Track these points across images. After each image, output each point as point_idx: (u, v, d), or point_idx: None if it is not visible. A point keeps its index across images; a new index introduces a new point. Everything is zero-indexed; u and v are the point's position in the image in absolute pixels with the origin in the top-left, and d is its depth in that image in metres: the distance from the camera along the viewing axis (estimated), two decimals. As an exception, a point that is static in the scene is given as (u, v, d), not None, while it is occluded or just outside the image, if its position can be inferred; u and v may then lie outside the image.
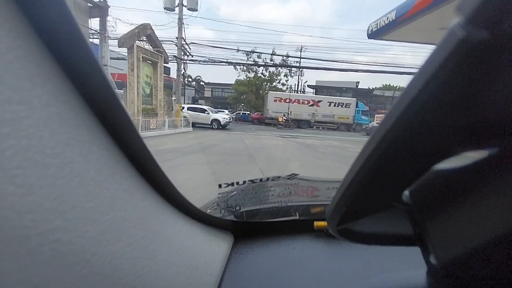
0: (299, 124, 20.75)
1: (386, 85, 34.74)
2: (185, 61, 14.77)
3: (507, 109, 0.19)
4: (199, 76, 35.04)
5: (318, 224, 0.56)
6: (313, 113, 21.08)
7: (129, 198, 0.26)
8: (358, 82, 31.40)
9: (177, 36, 13.64)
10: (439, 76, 0.15)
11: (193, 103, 23.69)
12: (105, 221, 0.22)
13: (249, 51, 23.86)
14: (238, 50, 23.54)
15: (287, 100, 21.28)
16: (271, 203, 0.68)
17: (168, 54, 12.72)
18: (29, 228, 0.16)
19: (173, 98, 13.55)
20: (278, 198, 0.71)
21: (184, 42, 13.91)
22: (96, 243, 0.21)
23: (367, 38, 5.10)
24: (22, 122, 0.16)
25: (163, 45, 11.90)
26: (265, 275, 0.47)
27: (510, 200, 0.22)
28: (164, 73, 12.42)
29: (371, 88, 31.92)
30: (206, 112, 14.32)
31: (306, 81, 32.52)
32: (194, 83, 34.69)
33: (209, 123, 13.92)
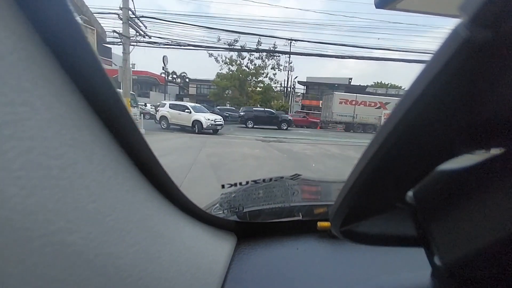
0: (365, 128, 18.45)
1: (377, 82, 33.31)
2: (135, 42, 10.09)
3: (511, 109, 0.19)
4: (184, 72, 33.34)
5: (321, 224, 0.56)
6: (380, 117, 18.40)
7: (131, 199, 0.26)
8: (351, 79, 29.52)
9: (121, 6, 9.09)
10: (442, 76, 0.15)
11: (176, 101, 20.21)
12: (107, 222, 0.22)
13: (235, 32, 19.45)
14: (219, 39, 20.02)
15: (353, 102, 18.99)
16: (274, 204, 0.66)
17: (114, 33, 9.53)
18: (32, 229, 0.16)
19: (120, 90, 10.20)
20: (281, 199, 0.70)
21: (133, 15, 9.43)
22: (99, 244, 0.21)
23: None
24: (24, 124, 0.16)
25: (100, 18, 8.75)
26: (268, 276, 0.47)
27: None
28: (104, 57, 9.26)
29: (363, 85, 29.47)
30: (187, 110, 10.85)
31: (296, 77, 29.33)
32: (178, 79, 32.45)
33: (190, 125, 10.62)
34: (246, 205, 0.62)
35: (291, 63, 24.95)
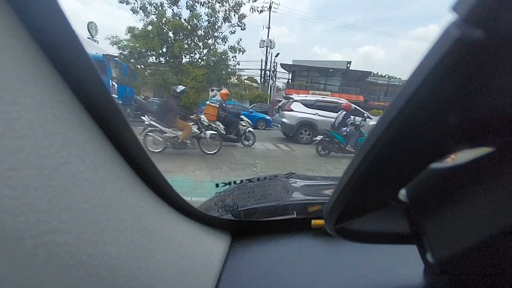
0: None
1: (374, 73, 29.33)
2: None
3: (502, 108, 0.19)
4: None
5: (315, 222, 0.56)
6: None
7: (125, 198, 0.26)
8: (349, 62, 23.65)
9: None
10: (435, 76, 0.15)
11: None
12: (101, 222, 0.22)
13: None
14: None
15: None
16: (268, 202, 0.66)
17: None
18: (24, 230, 0.16)
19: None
20: (275, 197, 0.69)
21: None
22: (92, 244, 0.20)
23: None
24: (15, 123, 0.16)
25: None
26: (263, 274, 0.47)
27: (505, 198, 0.22)
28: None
29: (365, 71, 23.29)
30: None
31: (278, 54, 20.96)
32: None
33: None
34: (240, 203, 0.62)
35: (272, 40, 16.67)
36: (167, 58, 13.01)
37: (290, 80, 23.86)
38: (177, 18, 12.96)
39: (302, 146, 7.19)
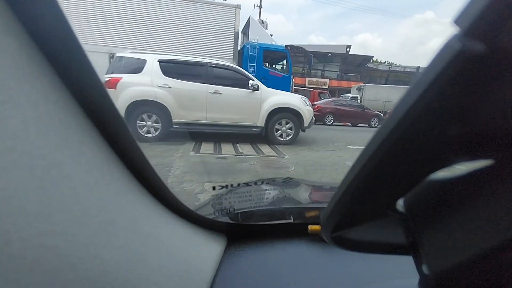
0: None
1: (374, 60, 27.90)
2: None
3: (502, 121, 0.19)
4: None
5: (312, 228, 0.55)
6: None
7: (120, 200, 0.25)
8: (349, 46, 21.82)
9: None
10: (435, 88, 0.16)
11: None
12: (93, 224, 0.21)
13: None
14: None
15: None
16: (265, 206, 0.66)
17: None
18: (11, 232, 0.16)
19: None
20: (272, 201, 0.69)
21: None
22: (84, 247, 0.20)
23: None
24: (6, 122, 0.16)
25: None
26: (257, 279, 0.46)
27: (504, 211, 0.22)
28: None
29: (366, 55, 22.30)
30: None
31: (271, 35, 19.88)
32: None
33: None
34: (237, 206, 0.61)
35: (264, 21, 14.84)
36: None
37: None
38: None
39: (296, 149, 4.98)
